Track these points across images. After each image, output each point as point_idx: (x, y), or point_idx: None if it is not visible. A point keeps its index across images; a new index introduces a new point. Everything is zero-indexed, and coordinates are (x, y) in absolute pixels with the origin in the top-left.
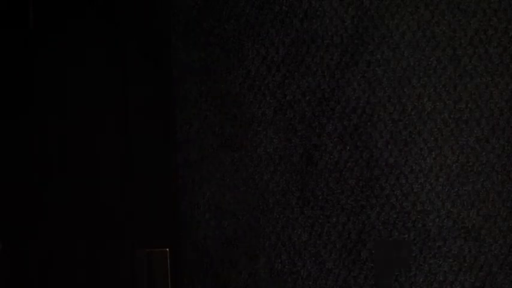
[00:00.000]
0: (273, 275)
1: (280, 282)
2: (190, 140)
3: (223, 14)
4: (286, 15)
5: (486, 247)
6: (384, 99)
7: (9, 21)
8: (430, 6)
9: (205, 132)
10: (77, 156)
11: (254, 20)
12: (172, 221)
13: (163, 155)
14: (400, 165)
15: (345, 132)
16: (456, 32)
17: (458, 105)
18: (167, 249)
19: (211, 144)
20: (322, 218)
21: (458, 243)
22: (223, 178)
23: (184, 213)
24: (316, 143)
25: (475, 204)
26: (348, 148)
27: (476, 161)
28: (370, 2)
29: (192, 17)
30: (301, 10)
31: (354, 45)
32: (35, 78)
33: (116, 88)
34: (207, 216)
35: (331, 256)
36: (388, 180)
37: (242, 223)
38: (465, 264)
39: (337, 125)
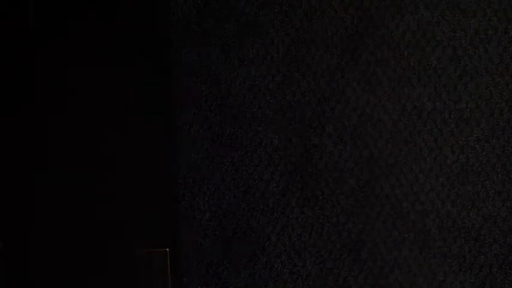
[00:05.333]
0: (273, 275)
1: (280, 282)
2: (190, 140)
3: (223, 14)
4: (286, 15)
5: (486, 247)
6: (383, 99)
7: (9, 21)
8: (430, 6)
9: (205, 132)
10: (77, 156)
11: (254, 20)
12: (172, 221)
13: (163, 155)
14: (400, 165)
15: (345, 132)
16: (456, 32)
17: (458, 105)
18: (167, 249)
19: (211, 144)
20: (322, 218)
21: (458, 243)
22: (223, 178)
23: (184, 213)
24: (316, 143)
25: (475, 204)
26: (348, 148)
27: (476, 161)
28: (370, 2)
29: (192, 17)
30: (301, 10)
31: (354, 45)
32: (35, 78)
33: (116, 88)
34: (207, 216)
35: (331, 256)
36: (388, 180)
37: (242, 223)
38: (465, 264)
39: (337, 125)
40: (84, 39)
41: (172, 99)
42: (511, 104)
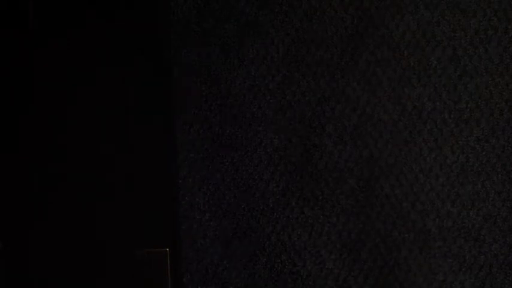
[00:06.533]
0: (273, 275)
1: (280, 282)
2: (190, 140)
3: (223, 14)
4: (286, 15)
5: (486, 247)
6: (383, 99)
7: (9, 21)
8: (430, 6)
9: (205, 132)
10: (77, 156)
11: (254, 20)
12: (172, 221)
13: (163, 155)
14: (400, 165)
15: (345, 132)
16: (456, 32)
17: (458, 105)
18: (167, 249)
19: (211, 144)
20: (322, 218)
21: (458, 243)
22: (223, 178)
23: (184, 213)
24: (316, 143)
25: (475, 204)
26: (348, 148)
27: (476, 161)
28: (370, 2)
29: (192, 17)
30: (301, 10)
31: (354, 45)
32: (35, 78)
33: (116, 88)
34: (207, 216)
35: (331, 256)
36: (388, 180)
37: (242, 223)
38: (465, 264)
39: (337, 125)
40: (84, 39)
41: (172, 99)
42: (511, 104)
